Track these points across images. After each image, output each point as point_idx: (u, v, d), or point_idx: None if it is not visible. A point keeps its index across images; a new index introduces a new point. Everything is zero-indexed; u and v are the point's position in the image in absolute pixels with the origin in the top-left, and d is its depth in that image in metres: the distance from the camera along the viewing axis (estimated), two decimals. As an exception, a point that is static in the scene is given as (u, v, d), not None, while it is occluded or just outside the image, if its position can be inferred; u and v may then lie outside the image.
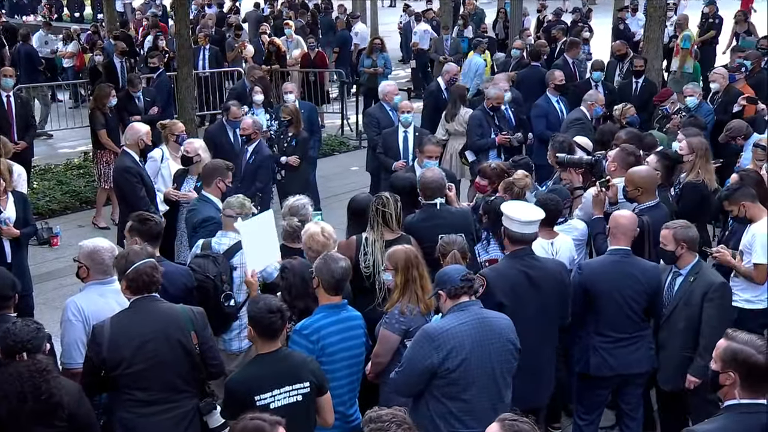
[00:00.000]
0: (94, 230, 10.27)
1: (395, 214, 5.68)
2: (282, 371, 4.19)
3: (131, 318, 4.34)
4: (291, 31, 16.55)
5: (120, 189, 7.87)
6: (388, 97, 9.91)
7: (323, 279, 4.73)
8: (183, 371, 4.37)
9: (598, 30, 19.66)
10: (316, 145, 10.77)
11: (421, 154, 7.52)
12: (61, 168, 12.77)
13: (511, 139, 9.45)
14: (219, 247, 5.67)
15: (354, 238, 5.75)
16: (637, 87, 11.36)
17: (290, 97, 10.53)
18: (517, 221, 5.06)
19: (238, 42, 16.25)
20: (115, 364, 4.25)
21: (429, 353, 4.28)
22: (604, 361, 5.39)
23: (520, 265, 5.08)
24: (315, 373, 4.30)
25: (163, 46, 15.70)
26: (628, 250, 5.42)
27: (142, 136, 7.80)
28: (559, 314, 5.22)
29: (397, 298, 4.94)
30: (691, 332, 5.35)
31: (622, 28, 18.31)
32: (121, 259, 4.44)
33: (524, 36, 15.56)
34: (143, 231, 5.17)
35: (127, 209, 7.33)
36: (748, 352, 3.31)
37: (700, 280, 5.37)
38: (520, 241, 5.09)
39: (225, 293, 5.38)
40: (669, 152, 7.36)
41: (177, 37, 13.16)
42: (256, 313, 4.18)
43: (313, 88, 15.31)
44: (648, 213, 6.02)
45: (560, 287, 5.16)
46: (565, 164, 6.91)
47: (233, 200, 5.78)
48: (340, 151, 14.41)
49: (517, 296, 4.99)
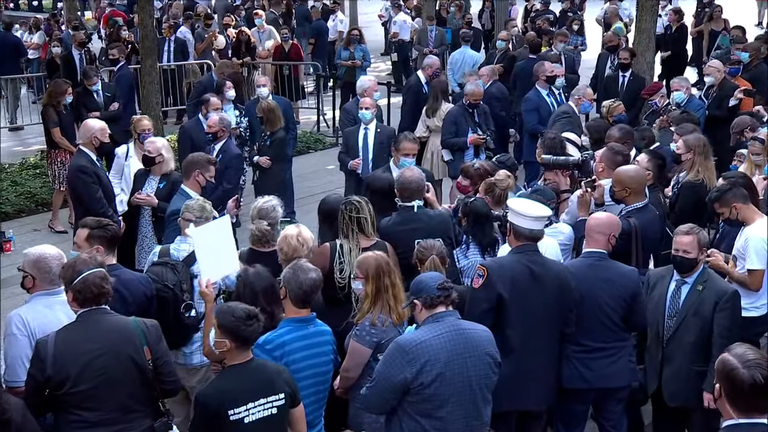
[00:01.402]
0: (50, 234, 10.14)
1: (370, 218, 5.60)
2: (257, 383, 4.16)
3: (78, 332, 4.25)
4: (262, 21, 16.46)
5: (74, 190, 7.78)
6: (368, 93, 9.81)
7: (291, 290, 4.68)
8: (135, 389, 4.29)
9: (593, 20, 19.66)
10: (291, 143, 10.70)
11: (397, 152, 7.46)
12: (16, 167, 12.59)
13: (486, 140, 9.40)
14: (178, 254, 5.60)
15: (328, 245, 5.69)
16: (624, 81, 11.34)
17: (263, 92, 10.45)
18: (526, 216, 5.05)
19: (208, 32, 16.15)
20: (60, 382, 4.15)
21: (402, 367, 4.24)
22: (579, 373, 5.30)
23: (525, 260, 5.07)
24: (289, 383, 4.28)
25: (125, 36, 15.54)
26: (602, 253, 5.35)
27: (96, 133, 7.67)
28: (562, 318, 5.17)
29: (368, 308, 4.89)
30: (702, 345, 5.27)
31: (614, 18, 18.33)
32: (68, 268, 4.34)
33: (509, 27, 15.54)
34: (107, 238, 5.06)
35: (82, 211, 7.22)
36: (732, 365, 3.25)
37: (709, 289, 5.30)
38: (526, 237, 5.09)
39: (185, 303, 5.30)
40: (661, 151, 7.33)
41: (140, 27, 13.07)
42: (232, 321, 4.13)
43: (287, 83, 15.23)
44: (636, 215, 5.99)
45: (564, 290, 5.12)
46: (550, 165, 6.87)
47: (193, 203, 5.71)
48: (316, 149, 14.33)
49: (518, 290, 4.98)
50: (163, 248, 5.72)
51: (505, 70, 12.85)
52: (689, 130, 7.61)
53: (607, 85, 11.68)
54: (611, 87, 11.41)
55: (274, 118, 9.52)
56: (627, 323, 5.37)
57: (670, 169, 7.46)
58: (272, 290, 4.85)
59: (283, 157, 9.68)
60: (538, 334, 5.04)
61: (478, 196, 6.49)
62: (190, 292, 5.41)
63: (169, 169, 7.50)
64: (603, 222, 5.41)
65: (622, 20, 17.16)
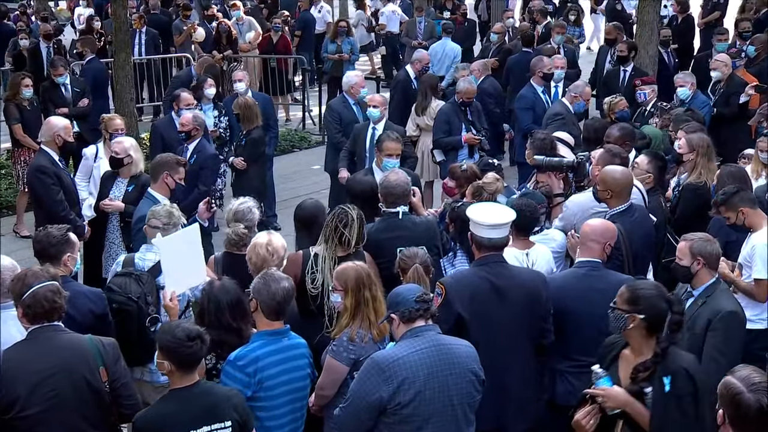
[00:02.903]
0: (15, 240, 10.05)
1: (356, 236, 5.50)
2: (200, 409, 4.08)
3: (28, 351, 4.18)
4: (240, 13, 16.38)
5: (33, 191, 7.71)
6: (354, 90, 9.77)
7: (262, 302, 4.62)
8: (89, 413, 4.21)
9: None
10: (272, 141, 10.64)
11: (380, 153, 7.38)
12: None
13: (481, 139, 9.36)
14: (143, 264, 5.55)
15: (301, 253, 5.63)
16: (626, 76, 11.26)
17: (241, 87, 10.39)
18: (482, 225, 4.99)
19: (186, 24, 16.06)
20: (8, 405, 4.07)
21: (377, 386, 4.20)
22: (573, 389, 5.19)
23: (485, 272, 5.00)
24: (238, 409, 4.19)
25: (97, 28, 15.45)
26: (597, 263, 5.29)
27: (59, 132, 7.55)
28: (534, 330, 5.11)
29: (346, 323, 4.83)
30: None
31: (619, 9, 18.30)
32: (17, 281, 4.27)
33: (504, 18, 15.49)
34: (35, 250, 4.98)
35: (43, 215, 7.13)
36: (737, 389, 3.20)
37: (708, 305, 5.17)
38: (487, 247, 5.02)
39: (151, 317, 5.22)
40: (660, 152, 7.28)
41: (114, 18, 12.98)
42: (170, 342, 4.06)
43: (274, 77, 15.15)
44: (619, 219, 5.89)
45: (533, 300, 5.06)
46: (543, 167, 6.80)
47: (159, 209, 5.65)
48: (301, 148, 14.28)
49: (478, 306, 4.91)
50: (128, 257, 5.66)
51: (500, 64, 12.84)
52: (693, 129, 7.55)
53: (607, 81, 11.65)
54: (612, 82, 11.37)
55: (251, 115, 9.46)
56: None
57: (669, 170, 7.40)
58: (239, 305, 4.77)
59: (260, 157, 9.60)
60: (508, 350, 4.97)
61: (465, 200, 6.44)
62: (156, 305, 5.34)
63: (138, 171, 7.45)
64: (598, 229, 5.35)
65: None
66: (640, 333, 4.20)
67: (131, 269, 5.48)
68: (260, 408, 4.55)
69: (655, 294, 4.21)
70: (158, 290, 5.37)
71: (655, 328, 4.16)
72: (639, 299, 4.19)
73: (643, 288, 4.27)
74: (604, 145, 7.25)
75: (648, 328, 4.17)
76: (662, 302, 4.18)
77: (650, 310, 4.16)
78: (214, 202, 9.81)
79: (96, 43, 13.25)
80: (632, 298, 4.21)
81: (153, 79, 15.17)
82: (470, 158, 9.18)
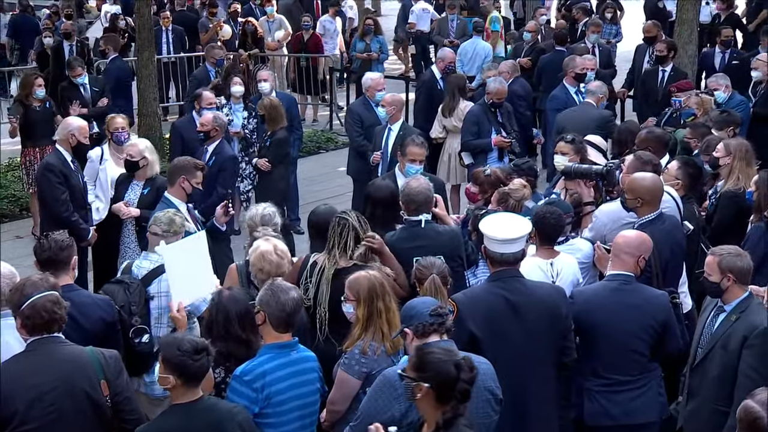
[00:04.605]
0: (33, 242, 10.04)
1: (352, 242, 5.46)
2: (204, 425, 4.02)
3: (27, 364, 4.15)
4: (273, 10, 16.36)
5: (39, 189, 7.72)
6: (370, 92, 9.71)
7: (271, 314, 4.55)
8: (88, 427, 4.18)
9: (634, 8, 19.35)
10: (296, 143, 10.61)
11: (403, 157, 7.25)
12: (2, 168, 12.57)
13: (511, 142, 9.25)
14: (138, 272, 5.53)
15: (302, 257, 5.60)
16: (664, 76, 11.04)
17: (265, 87, 10.30)
18: (493, 240, 4.89)
19: (212, 22, 16.09)
20: (6, 419, 4.05)
21: (389, 404, 4.12)
22: (602, 409, 5.16)
23: (500, 288, 4.90)
24: (243, 426, 4.14)
25: (122, 27, 15.52)
26: (629, 276, 5.19)
27: (74, 132, 7.55)
28: (555, 348, 4.99)
29: (358, 334, 4.76)
30: (727, 382, 5.03)
31: (661, 7, 18.03)
32: (15, 291, 4.24)
33: (538, 16, 15.33)
34: (38, 260, 4.95)
35: (46, 215, 7.11)
36: (756, 413, 3.11)
37: (743, 321, 5.05)
38: (499, 262, 4.92)
39: (136, 327, 5.16)
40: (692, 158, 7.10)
41: (137, 16, 13.02)
42: (177, 356, 4.00)
43: (304, 76, 15.11)
44: (648, 228, 5.74)
45: (552, 316, 4.94)
46: (571, 174, 6.65)
47: (161, 215, 5.64)
48: (327, 149, 14.21)
49: (493, 325, 4.81)
50: (128, 264, 5.67)
51: (533, 64, 12.71)
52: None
53: (645, 80, 11.45)
54: (650, 82, 11.19)
55: (277, 116, 9.42)
56: (656, 352, 5.22)
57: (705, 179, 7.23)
58: (249, 315, 4.71)
59: (285, 158, 9.55)
60: (526, 368, 4.86)
61: (491, 207, 6.32)
62: (143, 315, 5.29)
63: (153, 173, 7.41)
64: (633, 242, 5.24)
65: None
66: (429, 403, 3.69)
67: (125, 277, 5.47)
68: (268, 424, 4.49)
69: (443, 359, 3.69)
70: (147, 300, 5.33)
71: (443, 397, 3.65)
72: (426, 365, 3.69)
73: (431, 352, 3.74)
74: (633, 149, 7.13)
75: (437, 398, 3.67)
76: (451, 368, 3.66)
77: (437, 377, 3.65)
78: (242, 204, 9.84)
79: (119, 42, 13.29)
80: (419, 364, 3.71)
81: (179, 77, 15.21)
82: (500, 161, 9.08)
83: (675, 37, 11.90)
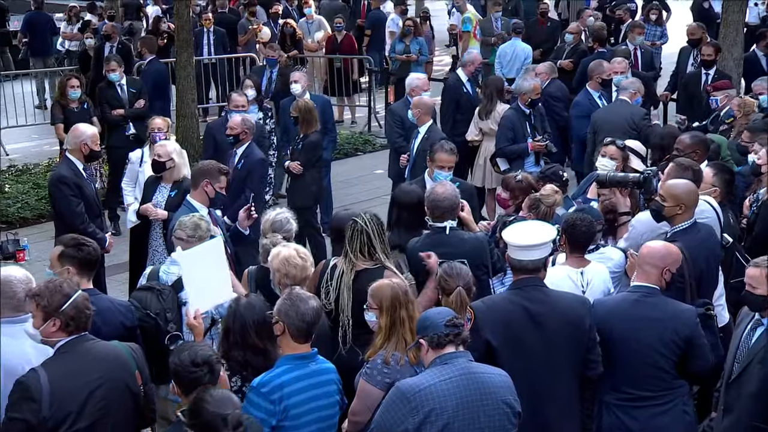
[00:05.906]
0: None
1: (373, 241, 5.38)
2: None
3: (71, 364, 4.17)
4: (311, 11, 16.38)
5: (53, 201, 7.57)
6: (415, 93, 9.62)
7: (291, 324, 4.49)
8: (131, 419, 4.32)
9: (682, 9, 19.04)
10: (329, 145, 10.57)
11: (431, 163, 7.17)
12: (41, 169, 12.71)
13: (547, 144, 9.12)
14: (167, 278, 5.49)
15: (323, 262, 5.56)
16: (707, 80, 10.77)
17: (296, 88, 10.28)
18: (512, 246, 4.83)
19: (252, 23, 16.15)
20: (59, 422, 4.06)
21: (403, 417, 4.08)
22: (621, 423, 5.02)
23: (520, 297, 4.82)
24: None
25: (164, 28, 15.63)
26: (653, 289, 5.03)
27: (86, 140, 7.31)
28: (577, 361, 4.88)
29: (380, 344, 4.69)
30: (764, 398, 4.91)
31: (707, 8, 17.73)
32: (54, 292, 4.18)
33: (585, 17, 15.12)
34: (79, 258, 4.94)
35: (63, 227, 7.11)
36: None
37: None
38: (519, 270, 4.85)
39: (171, 334, 5.16)
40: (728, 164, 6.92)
41: (176, 17, 13.09)
42: (177, 365, 4.02)
43: (339, 77, 15.07)
44: (681, 237, 5.58)
45: (574, 328, 4.83)
46: (607, 183, 6.48)
47: (186, 220, 5.60)
48: (365, 151, 14.17)
49: (512, 336, 4.73)
50: (153, 270, 5.64)
51: (574, 65, 12.54)
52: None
53: (687, 83, 11.23)
54: (692, 86, 10.96)
55: (311, 118, 9.37)
56: (682, 370, 5.05)
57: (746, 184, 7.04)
58: (266, 323, 4.65)
59: (317, 161, 9.52)
60: (546, 381, 4.76)
61: (521, 213, 6.22)
62: (177, 321, 5.28)
63: (181, 176, 7.41)
64: (657, 252, 5.09)
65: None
66: None
67: (154, 283, 5.45)
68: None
69: (212, 411, 3.83)
70: (180, 306, 5.31)
71: None
72: (197, 412, 3.87)
73: (205, 401, 3.87)
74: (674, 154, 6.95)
75: None
76: (218, 420, 3.81)
77: (203, 428, 3.85)
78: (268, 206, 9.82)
79: (156, 44, 13.35)
80: (192, 409, 3.89)
81: (218, 78, 15.27)
82: (536, 165, 8.94)
83: (720, 39, 11.65)
